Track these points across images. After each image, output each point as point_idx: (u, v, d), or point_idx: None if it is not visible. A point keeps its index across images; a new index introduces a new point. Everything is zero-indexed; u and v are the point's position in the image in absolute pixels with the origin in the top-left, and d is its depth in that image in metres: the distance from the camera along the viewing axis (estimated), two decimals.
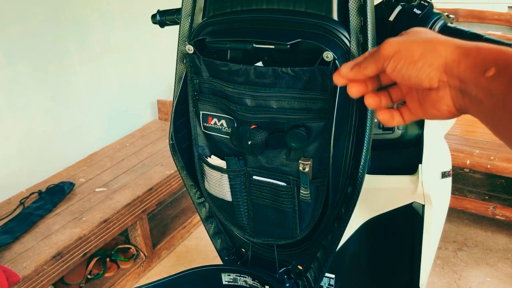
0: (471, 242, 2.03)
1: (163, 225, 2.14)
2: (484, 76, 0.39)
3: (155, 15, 1.02)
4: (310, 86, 0.65)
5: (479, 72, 0.39)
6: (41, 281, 1.45)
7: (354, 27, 0.64)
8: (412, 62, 0.44)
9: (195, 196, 0.93)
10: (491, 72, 0.38)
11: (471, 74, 0.40)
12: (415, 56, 0.44)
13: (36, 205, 1.73)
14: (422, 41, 0.44)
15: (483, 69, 0.39)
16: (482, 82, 0.39)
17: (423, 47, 0.44)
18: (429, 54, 0.43)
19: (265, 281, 0.86)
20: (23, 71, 1.83)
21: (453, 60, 0.41)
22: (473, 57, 0.40)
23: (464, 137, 2.00)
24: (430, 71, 0.43)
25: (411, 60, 0.44)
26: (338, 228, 0.77)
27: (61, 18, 1.94)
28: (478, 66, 0.40)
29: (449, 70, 0.42)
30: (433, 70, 0.43)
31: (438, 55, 0.43)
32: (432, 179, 0.85)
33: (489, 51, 0.40)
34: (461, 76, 0.41)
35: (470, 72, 0.40)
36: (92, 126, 2.19)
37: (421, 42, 0.44)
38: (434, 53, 0.43)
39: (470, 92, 0.41)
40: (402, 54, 0.45)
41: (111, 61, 2.21)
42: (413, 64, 0.44)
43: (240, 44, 0.69)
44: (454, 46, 0.42)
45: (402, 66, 0.44)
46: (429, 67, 0.43)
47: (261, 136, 0.72)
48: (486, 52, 0.40)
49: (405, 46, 0.45)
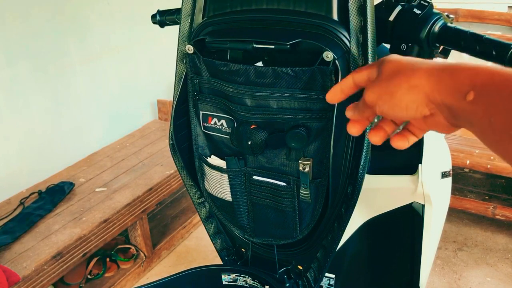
0: (471, 242, 2.03)
1: (163, 225, 2.14)
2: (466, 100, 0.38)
3: (155, 15, 1.02)
4: (310, 86, 0.65)
5: (459, 97, 0.39)
6: (41, 281, 1.45)
7: (354, 27, 0.64)
8: (397, 105, 0.45)
9: (195, 196, 0.93)
10: (471, 96, 0.38)
11: (452, 100, 0.40)
12: (397, 99, 0.44)
13: (36, 205, 1.73)
14: (397, 80, 0.45)
15: (463, 94, 0.39)
16: (465, 106, 0.39)
17: (399, 87, 0.44)
18: (408, 93, 0.43)
19: (265, 281, 0.86)
20: (23, 71, 1.83)
21: (432, 89, 0.42)
22: (448, 83, 0.40)
23: (464, 137, 2.00)
24: (416, 106, 0.44)
25: (394, 103, 0.45)
26: (338, 228, 0.77)
27: (61, 18, 1.94)
28: (456, 91, 0.39)
29: (432, 99, 0.42)
30: (418, 105, 0.43)
31: (416, 90, 0.43)
32: (432, 179, 0.85)
33: (464, 73, 0.39)
34: (445, 102, 0.41)
35: (451, 98, 0.40)
36: (92, 126, 2.19)
37: (397, 82, 0.45)
38: (412, 90, 0.43)
39: (459, 115, 0.40)
40: (384, 99, 0.46)
41: (111, 61, 2.21)
42: (398, 106, 0.45)
43: (240, 44, 0.69)
44: (426, 75, 0.42)
45: (389, 109, 0.46)
46: (414, 103, 0.43)
47: (261, 136, 0.72)
48: (461, 75, 0.39)
49: (384, 90, 0.46)
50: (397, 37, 0.71)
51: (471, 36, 0.64)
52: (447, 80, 0.40)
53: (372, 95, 0.47)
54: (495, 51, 0.61)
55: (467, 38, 0.64)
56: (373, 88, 0.48)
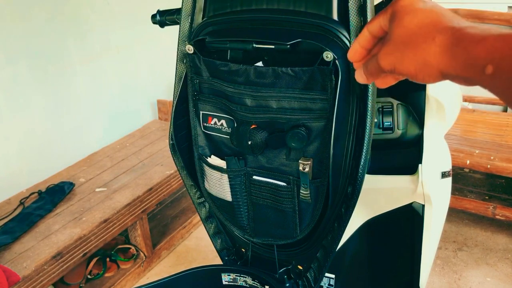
0: (471, 242, 2.03)
1: (163, 225, 2.14)
2: (485, 74, 0.36)
3: (155, 15, 1.02)
4: (310, 86, 0.65)
5: (477, 71, 0.37)
6: (41, 281, 1.45)
7: (354, 27, 0.64)
8: (413, 77, 0.44)
9: (195, 196, 0.93)
10: (490, 69, 0.36)
11: (469, 74, 0.38)
12: (412, 72, 0.44)
13: (36, 205, 1.73)
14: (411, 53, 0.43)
15: (480, 68, 0.37)
16: (484, 78, 0.37)
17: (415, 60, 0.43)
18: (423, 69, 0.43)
19: (265, 281, 0.86)
20: (23, 71, 1.83)
21: (446, 66, 0.40)
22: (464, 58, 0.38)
23: (464, 137, 2.00)
24: (431, 78, 0.43)
25: (410, 74, 0.44)
26: (338, 228, 0.77)
27: (61, 17, 1.94)
28: (473, 66, 0.38)
29: (447, 74, 0.41)
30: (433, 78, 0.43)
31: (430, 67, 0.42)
32: (432, 179, 0.85)
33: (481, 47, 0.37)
34: (461, 75, 0.40)
35: (468, 72, 0.39)
36: (92, 126, 2.19)
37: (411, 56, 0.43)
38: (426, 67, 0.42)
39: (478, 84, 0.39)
40: (400, 69, 0.45)
41: (111, 61, 2.21)
42: (414, 77, 0.44)
43: (240, 44, 0.69)
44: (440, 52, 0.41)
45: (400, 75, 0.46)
46: (429, 77, 0.43)
47: (261, 136, 0.72)
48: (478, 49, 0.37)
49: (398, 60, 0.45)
50: None
51: None
52: (463, 56, 0.38)
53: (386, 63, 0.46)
54: None
55: None
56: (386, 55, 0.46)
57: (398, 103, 0.83)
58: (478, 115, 2.19)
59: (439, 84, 0.79)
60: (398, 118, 0.84)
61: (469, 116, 2.17)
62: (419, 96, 0.82)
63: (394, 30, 0.46)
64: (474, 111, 2.24)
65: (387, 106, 0.84)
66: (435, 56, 0.41)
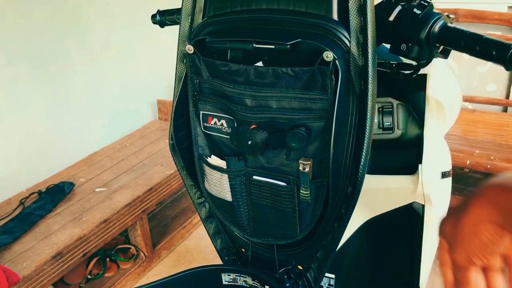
0: None
1: (163, 225, 2.14)
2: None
3: (155, 15, 1.02)
4: (310, 86, 0.65)
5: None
6: (41, 281, 1.45)
7: (354, 27, 0.64)
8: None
9: (195, 196, 0.93)
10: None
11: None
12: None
13: (36, 205, 1.73)
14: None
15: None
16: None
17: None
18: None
19: (265, 281, 0.86)
20: (23, 71, 1.83)
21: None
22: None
23: (464, 137, 2.00)
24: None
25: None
26: (338, 228, 0.77)
27: (61, 18, 1.94)
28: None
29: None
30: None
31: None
32: (432, 179, 0.85)
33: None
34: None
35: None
36: (92, 126, 2.19)
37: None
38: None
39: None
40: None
41: (111, 61, 2.21)
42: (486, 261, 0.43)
43: (240, 44, 0.69)
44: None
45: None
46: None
47: (261, 136, 0.72)
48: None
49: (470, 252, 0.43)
50: (397, 37, 0.71)
51: (471, 36, 0.64)
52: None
53: (459, 257, 0.44)
54: (495, 51, 0.61)
55: (467, 38, 0.64)
56: (457, 250, 0.44)
57: (398, 103, 0.83)
58: (478, 115, 2.19)
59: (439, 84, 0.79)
60: (398, 118, 0.84)
61: (469, 116, 2.17)
62: (419, 96, 0.82)
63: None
64: (474, 111, 2.25)
65: (387, 106, 0.84)
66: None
